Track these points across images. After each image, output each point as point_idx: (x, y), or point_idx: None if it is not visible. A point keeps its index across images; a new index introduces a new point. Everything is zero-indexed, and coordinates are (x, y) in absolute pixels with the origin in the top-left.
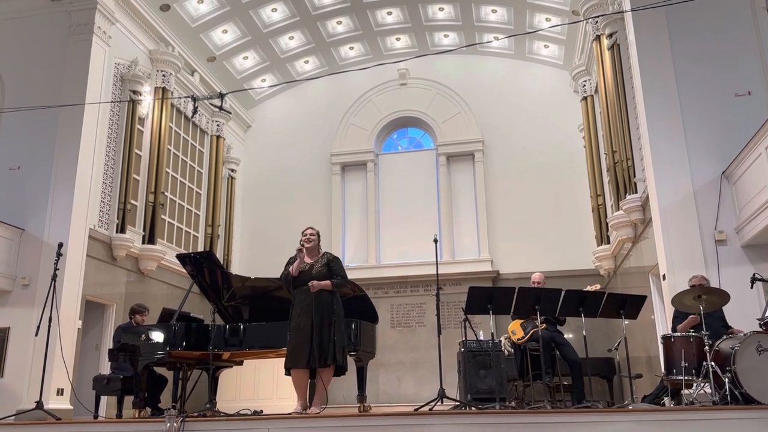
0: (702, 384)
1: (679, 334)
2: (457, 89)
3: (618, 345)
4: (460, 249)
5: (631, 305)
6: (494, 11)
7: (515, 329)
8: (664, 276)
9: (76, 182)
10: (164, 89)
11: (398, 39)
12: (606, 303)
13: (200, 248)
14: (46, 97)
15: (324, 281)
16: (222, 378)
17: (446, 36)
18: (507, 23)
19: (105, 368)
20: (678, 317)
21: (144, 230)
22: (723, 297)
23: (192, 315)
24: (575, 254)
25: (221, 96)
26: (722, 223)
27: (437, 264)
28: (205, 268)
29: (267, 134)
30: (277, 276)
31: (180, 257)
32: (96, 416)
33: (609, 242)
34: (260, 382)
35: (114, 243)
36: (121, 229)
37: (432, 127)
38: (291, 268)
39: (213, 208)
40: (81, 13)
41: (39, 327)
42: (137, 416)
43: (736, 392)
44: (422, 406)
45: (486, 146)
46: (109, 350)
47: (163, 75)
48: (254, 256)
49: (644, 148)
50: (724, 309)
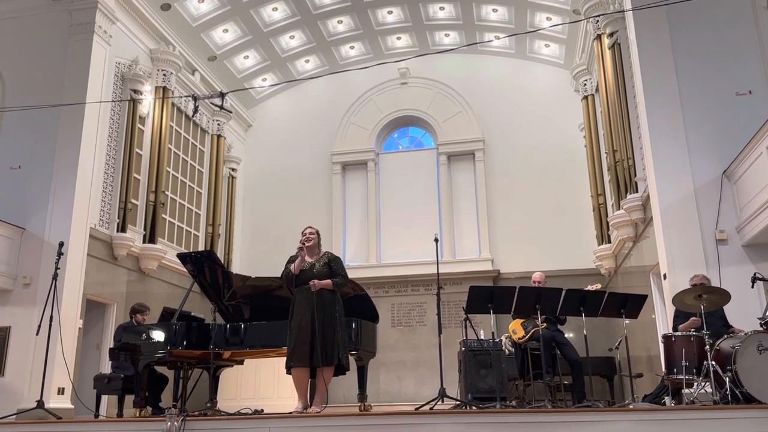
0: (703, 383)
1: (680, 334)
2: (458, 88)
3: (619, 344)
4: (461, 248)
5: (632, 304)
6: (495, 10)
7: (516, 328)
8: (665, 275)
9: (77, 181)
10: (165, 88)
11: (399, 38)
12: (607, 302)
13: (201, 247)
14: (47, 97)
15: (325, 280)
16: (223, 377)
17: (447, 35)
18: (507, 22)
19: (106, 367)
20: (679, 316)
21: (145, 229)
22: (724, 296)
23: (193, 314)
24: (576, 253)
25: (222, 95)
26: (723, 223)
27: (438, 263)
28: (206, 268)
29: (268, 133)
30: (278, 275)
31: (181, 256)
32: (97, 415)
33: (610, 241)
34: (261, 382)
35: (115, 242)
36: (122, 229)
37: (433, 127)
38: (292, 267)
39: (214, 208)
40: (81, 13)
41: (40, 326)
42: (138, 415)
43: (737, 391)
44: (423, 406)
45: (487, 145)
46: (110, 349)
47: (164, 74)
48: (255, 256)
49: (645, 148)
50: (725, 308)
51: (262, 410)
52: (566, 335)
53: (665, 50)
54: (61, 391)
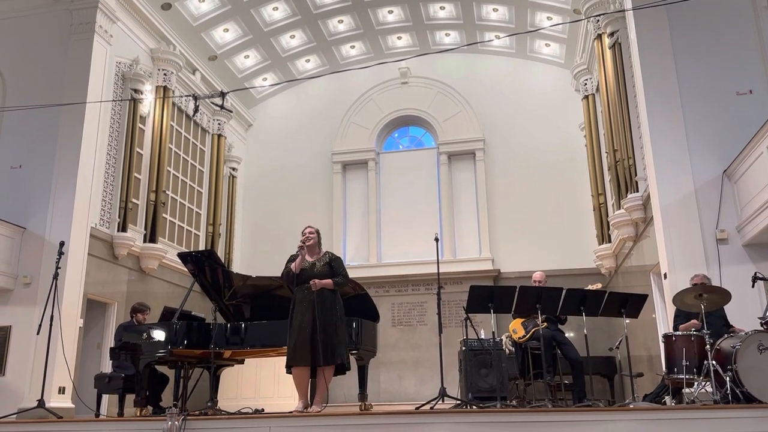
0: (703, 383)
1: (681, 333)
2: (459, 88)
3: (619, 344)
4: (461, 248)
5: (632, 304)
6: (495, 10)
7: (516, 328)
8: (666, 275)
9: (78, 181)
10: (165, 88)
11: (399, 38)
12: (607, 302)
13: (201, 247)
14: (48, 96)
15: (326, 280)
16: (223, 376)
17: (447, 35)
18: (508, 22)
19: (106, 367)
20: (679, 316)
21: (145, 229)
22: (724, 296)
23: (193, 314)
24: (576, 253)
25: (222, 95)
26: (723, 222)
27: (438, 263)
28: (207, 267)
29: (268, 133)
30: (279, 275)
31: (181, 256)
32: (97, 415)
33: (610, 241)
34: (261, 381)
35: (115, 241)
36: (123, 228)
37: (433, 126)
38: (292, 266)
39: (214, 207)
40: (82, 12)
41: (40, 325)
42: (139, 415)
43: (737, 391)
44: (423, 405)
45: (487, 145)
46: (111, 349)
47: (165, 74)
48: (255, 255)
49: (645, 147)
50: (726, 308)
51: (263, 410)
52: (567, 335)
53: (666, 50)
54: (62, 391)
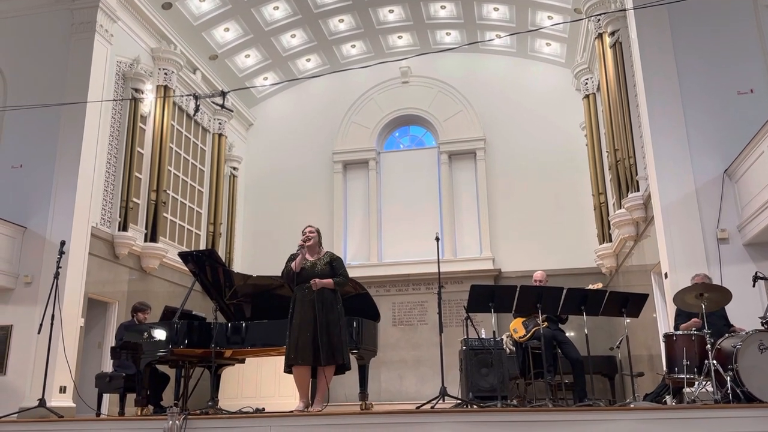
0: (704, 382)
1: (681, 333)
2: (459, 87)
3: (620, 343)
4: (462, 247)
5: (633, 303)
6: (496, 9)
7: (517, 327)
8: (666, 274)
9: (79, 180)
10: (166, 87)
11: (400, 37)
12: (608, 301)
13: (202, 246)
14: (49, 96)
15: (326, 279)
16: (224, 376)
17: (448, 34)
18: (509, 21)
19: (107, 366)
20: (680, 315)
21: (146, 228)
22: (725, 295)
23: (194, 313)
24: (577, 252)
25: (223, 94)
26: (724, 221)
27: (439, 262)
28: (207, 266)
29: (269, 132)
30: (279, 274)
31: (182, 255)
32: (98, 414)
33: (611, 240)
34: (262, 380)
35: (116, 241)
36: (124, 227)
37: (434, 125)
38: (293, 264)
39: (215, 206)
40: (83, 12)
41: (41, 325)
42: (139, 414)
43: (738, 391)
44: (424, 404)
45: (488, 144)
46: (112, 348)
47: (165, 73)
48: (256, 254)
49: (646, 146)
50: (726, 307)
51: (264, 409)
52: (567, 334)
53: (666, 49)
54: (63, 390)
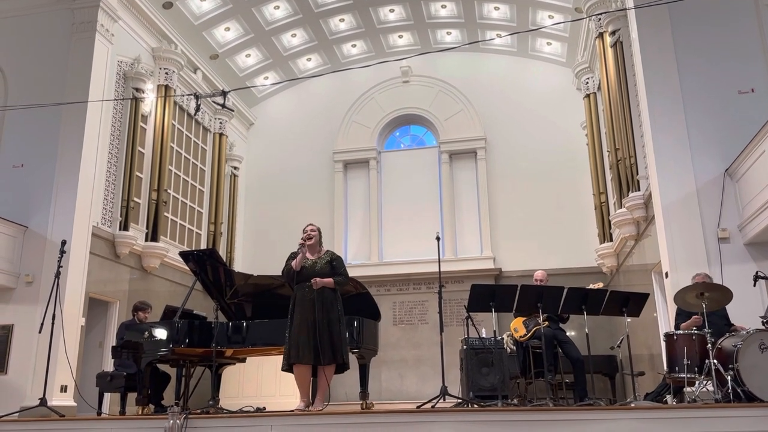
0: (704, 382)
1: (682, 332)
2: (460, 87)
3: (620, 343)
4: (463, 247)
5: (634, 303)
6: (497, 9)
7: (517, 327)
8: (667, 273)
9: (80, 180)
10: (167, 87)
11: (401, 37)
12: (608, 301)
13: (203, 245)
14: (49, 95)
15: (327, 279)
16: (225, 375)
17: (449, 33)
18: (509, 21)
19: (108, 365)
20: (681, 315)
21: (147, 228)
22: (726, 295)
23: (195, 312)
24: (578, 252)
25: (224, 94)
26: (725, 221)
27: (439, 262)
28: (208, 266)
29: (269, 132)
30: (280, 273)
31: (183, 254)
32: (99, 413)
33: (611, 240)
34: (263, 380)
35: (117, 240)
36: (125, 227)
37: (434, 125)
38: (293, 263)
39: (216, 206)
40: (84, 11)
41: (42, 324)
42: (140, 413)
43: (739, 390)
44: (425, 404)
45: (488, 144)
46: (113, 347)
47: (166, 73)
48: (257, 254)
49: (647, 146)
50: (727, 307)
51: (264, 408)
52: (568, 333)
53: (667, 48)
54: (64, 389)
